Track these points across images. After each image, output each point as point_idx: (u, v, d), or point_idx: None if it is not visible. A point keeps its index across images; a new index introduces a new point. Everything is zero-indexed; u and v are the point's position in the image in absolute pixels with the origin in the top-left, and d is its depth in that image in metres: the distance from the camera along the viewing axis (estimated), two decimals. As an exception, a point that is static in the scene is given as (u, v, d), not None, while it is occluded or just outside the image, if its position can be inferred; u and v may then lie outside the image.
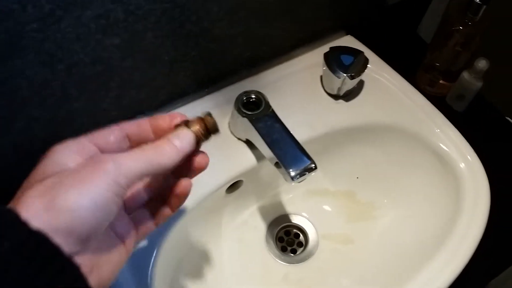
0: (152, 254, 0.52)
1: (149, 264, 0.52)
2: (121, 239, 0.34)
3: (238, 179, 0.61)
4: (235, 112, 0.57)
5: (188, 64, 0.58)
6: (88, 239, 0.29)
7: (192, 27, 0.53)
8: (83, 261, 0.29)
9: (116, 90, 0.54)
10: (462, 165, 0.59)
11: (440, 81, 0.76)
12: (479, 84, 0.71)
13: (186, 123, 0.36)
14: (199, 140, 0.37)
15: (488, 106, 0.77)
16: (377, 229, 0.66)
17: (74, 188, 0.28)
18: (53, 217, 0.27)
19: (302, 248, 0.68)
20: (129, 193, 0.34)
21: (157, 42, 0.51)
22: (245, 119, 0.55)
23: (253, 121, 0.55)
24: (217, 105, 0.63)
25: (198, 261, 0.62)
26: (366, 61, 0.62)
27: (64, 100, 0.51)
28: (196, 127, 0.36)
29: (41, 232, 0.26)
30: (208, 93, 0.64)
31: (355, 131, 0.64)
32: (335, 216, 0.70)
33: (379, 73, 0.68)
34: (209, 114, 0.37)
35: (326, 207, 0.70)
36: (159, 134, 0.36)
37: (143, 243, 0.53)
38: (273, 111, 0.56)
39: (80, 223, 0.27)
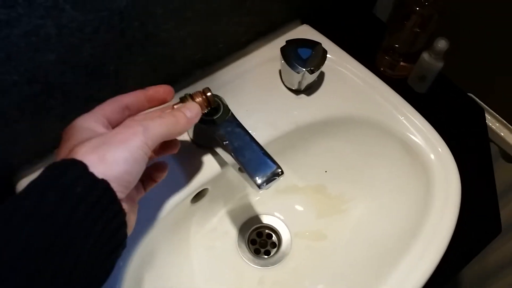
0: (117, 277, 0.49)
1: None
2: (133, 201, 0.41)
3: (203, 188, 0.57)
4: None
5: (136, 71, 0.54)
6: (129, 187, 0.36)
7: (135, 33, 0.48)
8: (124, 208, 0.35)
9: (59, 107, 0.50)
10: (432, 156, 0.58)
11: (401, 63, 0.75)
12: (439, 64, 0.69)
13: (191, 96, 0.45)
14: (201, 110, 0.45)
15: (449, 85, 0.76)
16: (349, 222, 0.65)
17: (117, 146, 0.35)
18: (106, 168, 0.33)
19: (275, 249, 0.66)
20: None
21: (97, 53, 0.47)
22: (204, 126, 0.52)
23: (213, 127, 0.52)
24: (173, 110, 0.59)
25: (168, 275, 0.59)
26: (324, 52, 0.60)
27: (2, 124, 0.47)
28: (199, 99, 0.45)
29: (105, 180, 0.33)
30: (161, 98, 0.60)
31: (320, 125, 0.62)
32: (306, 213, 0.68)
33: (339, 63, 0.65)
34: (208, 89, 0.45)
35: (297, 204, 0.69)
36: (153, 103, 0.43)
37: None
38: (232, 115, 0.53)
39: (125, 172, 0.35)
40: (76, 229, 0.31)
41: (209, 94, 0.45)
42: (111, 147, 0.34)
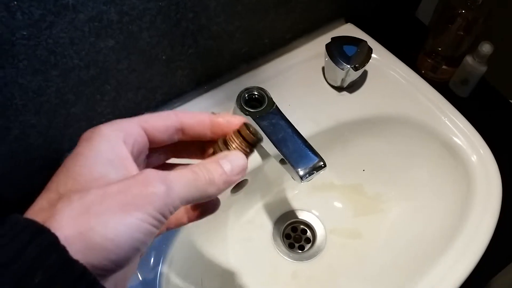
0: (159, 265, 0.51)
1: (156, 276, 0.50)
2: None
3: (243, 179, 0.59)
4: (238, 110, 0.55)
5: (186, 62, 0.56)
6: (114, 272, 0.25)
7: (189, 25, 0.50)
8: (108, 285, 0.25)
9: (112, 92, 0.52)
10: (473, 157, 0.58)
11: (443, 66, 0.75)
12: (483, 68, 0.69)
13: (224, 143, 0.31)
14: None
15: (492, 90, 0.75)
16: (385, 223, 0.65)
17: (115, 216, 0.23)
18: (88, 251, 0.22)
19: (310, 244, 0.67)
20: None
21: (153, 42, 0.49)
22: (248, 117, 0.53)
23: (257, 119, 0.53)
24: (218, 102, 0.61)
25: (205, 264, 0.61)
26: (369, 50, 0.60)
27: (60, 106, 0.49)
28: (236, 143, 0.31)
29: (83, 265, 0.22)
30: (207, 90, 0.62)
31: (361, 123, 0.62)
32: (342, 210, 0.68)
33: (382, 61, 0.66)
34: (245, 124, 0.31)
35: (333, 201, 0.69)
36: (217, 134, 0.31)
37: (149, 255, 0.52)
38: (277, 108, 0.54)
39: (115, 259, 0.23)
40: None
41: (244, 129, 0.30)
42: (106, 216, 0.23)
